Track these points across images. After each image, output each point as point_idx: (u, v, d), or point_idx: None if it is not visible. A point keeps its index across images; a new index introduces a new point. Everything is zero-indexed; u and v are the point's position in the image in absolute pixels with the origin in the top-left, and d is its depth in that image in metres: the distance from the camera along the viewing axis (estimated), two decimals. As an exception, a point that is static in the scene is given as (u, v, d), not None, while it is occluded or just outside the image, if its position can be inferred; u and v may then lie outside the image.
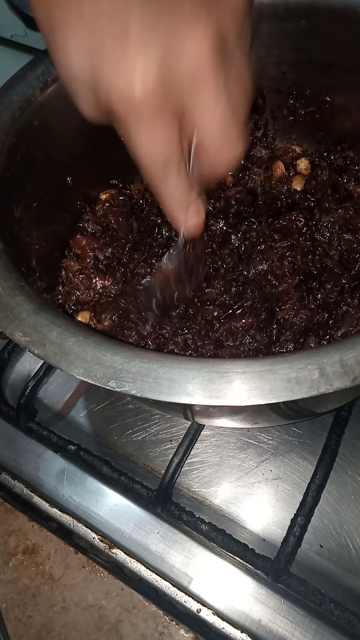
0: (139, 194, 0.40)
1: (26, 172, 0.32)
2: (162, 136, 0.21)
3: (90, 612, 0.35)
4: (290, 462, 0.39)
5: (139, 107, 0.20)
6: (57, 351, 0.22)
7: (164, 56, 0.19)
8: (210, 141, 0.22)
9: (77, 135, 0.35)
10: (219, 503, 0.38)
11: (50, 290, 0.35)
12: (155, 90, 0.19)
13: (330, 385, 0.20)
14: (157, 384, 0.20)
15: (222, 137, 0.22)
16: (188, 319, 0.33)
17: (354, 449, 0.38)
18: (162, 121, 0.20)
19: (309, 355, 0.20)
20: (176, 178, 0.23)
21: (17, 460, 0.40)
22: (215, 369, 0.20)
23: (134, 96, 0.19)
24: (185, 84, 0.20)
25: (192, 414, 0.34)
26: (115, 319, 0.34)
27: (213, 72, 0.20)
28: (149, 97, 0.19)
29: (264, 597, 0.33)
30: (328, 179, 0.38)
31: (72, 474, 0.38)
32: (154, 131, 0.21)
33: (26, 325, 0.23)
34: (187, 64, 0.19)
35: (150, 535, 0.36)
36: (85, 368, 0.21)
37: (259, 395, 0.20)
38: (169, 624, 0.34)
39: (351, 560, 0.35)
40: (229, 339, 0.31)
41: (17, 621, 0.36)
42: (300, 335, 0.31)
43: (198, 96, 0.20)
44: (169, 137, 0.21)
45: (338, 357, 0.20)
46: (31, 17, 0.22)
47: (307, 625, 0.32)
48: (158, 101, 0.20)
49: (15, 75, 0.33)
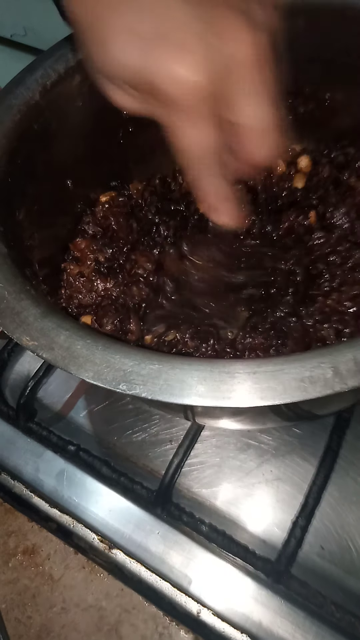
0: (138, 194, 0.40)
1: (27, 175, 0.32)
2: (209, 129, 0.21)
3: (90, 613, 0.35)
4: (291, 463, 0.38)
5: (189, 99, 0.20)
6: (65, 355, 0.22)
7: (214, 47, 0.19)
8: (251, 134, 0.22)
9: (77, 138, 0.35)
10: (219, 504, 0.38)
11: (53, 294, 0.35)
12: (206, 82, 0.20)
13: (345, 383, 0.19)
14: (168, 386, 0.20)
15: (263, 130, 0.22)
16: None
17: (356, 451, 0.38)
18: (209, 113, 0.21)
19: (321, 354, 0.20)
20: (217, 173, 0.23)
21: (17, 460, 0.40)
22: (226, 370, 0.20)
23: (185, 88, 0.20)
24: (233, 74, 0.20)
25: (192, 415, 0.34)
26: (117, 323, 0.34)
27: (261, 62, 0.20)
28: (200, 88, 0.20)
29: (264, 598, 0.33)
30: (329, 176, 0.37)
31: (72, 475, 0.38)
32: (201, 124, 0.21)
33: (33, 330, 0.23)
34: (235, 54, 0.20)
35: (150, 536, 0.36)
36: (95, 371, 0.21)
37: (272, 396, 0.19)
38: (169, 624, 0.34)
39: (352, 562, 0.35)
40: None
41: (17, 622, 0.36)
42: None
43: (244, 87, 0.20)
44: (214, 130, 0.21)
45: (351, 355, 0.20)
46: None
47: (308, 627, 0.32)
48: (208, 92, 0.20)
49: (15, 79, 0.33)
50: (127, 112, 0.23)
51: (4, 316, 0.24)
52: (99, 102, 0.36)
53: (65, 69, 0.33)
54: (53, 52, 0.34)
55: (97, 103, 0.36)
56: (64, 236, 0.38)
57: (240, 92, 0.21)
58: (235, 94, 0.21)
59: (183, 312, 0.33)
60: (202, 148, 0.22)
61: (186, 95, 0.20)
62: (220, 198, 0.25)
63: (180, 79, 0.20)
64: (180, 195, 0.40)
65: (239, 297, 0.33)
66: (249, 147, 0.22)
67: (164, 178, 0.41)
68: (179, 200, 0.40)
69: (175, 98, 0.20)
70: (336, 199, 0.36)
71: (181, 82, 0.20)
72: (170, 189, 0.41)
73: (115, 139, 0.39)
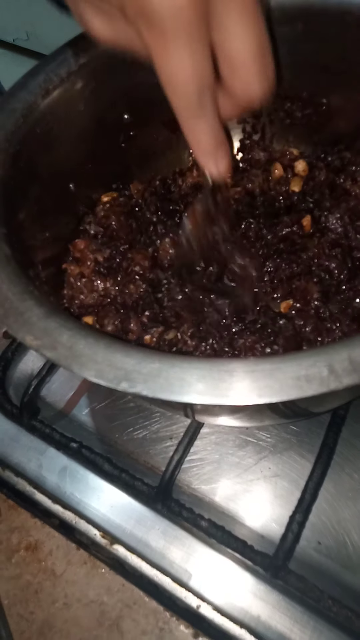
0: (139, 194, 0.41)
1: (30, 178, 0.32)
2: (199, 53, 0.19)
3: (91, 608, 0.35)
4: (289, 459, 0.39)
5: (178, 16, 0.18)
6: (68, 354, 0.22)
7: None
8: (244, 62, 0.20)
9: (79, 142, 0.36)
10: (218, 500, 0.38)
11: (55, 295, 0.35)
12: (194, 2, 0.18)
13: (340, 382, 0.20)
14: (168, 384, 0.21)
15: (257, 58, 0.20)
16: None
17: (351, 447, 0.38)
18: (199, 34, 0.19)
19: (317, 353, 0.20)
20: (212, 111, 0.21)
21: (20, 457, 0.40)
22: (224, 368, 0.21)
23: (172, 8, 0.18)
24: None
25: (192, 412, 0.34)
26: (118, 324, 0.34)
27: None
28: (188, 8, 0.18)
29: (262, 593, 0.33)
30: (325, 180, 0.38)
31: (74, 471, 0.39)
32: (190, 46, 0.19)
33: (37, 329, 0.23)
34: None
35: (151, 531, 0.36)
36: (97, 370, 0.22)
37: (269, 394, 0.20)
38: (169, 619, 0.34)
39: (349, 556, 0.35)
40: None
41: (19, 617, 0.36)
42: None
43: (234, 10, 0.19)
44: (204, 57, 0.20)
45: (346, 354, 0.20)
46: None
47: (306, 622, 0.32)
48: (196, 13, 0.18)
49: (17, 84, 0.33)
50: (103, 41, 0.21)
51: (8, 316, 0.24)
52: (101, 107, 0.37)
53: (67, 73, 0.34)
54: (55, 57, 0.34)
55: (99, 107, 0.37)
56: (67, 236, 0.38)
57: (229, 11, 0.19)
58: (222, 11, 0.19)
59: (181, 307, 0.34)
60: (194, 76, 0.20)
61: (176, 11, 0.18)
62: (215, 141, 0.23)
63: (165, 2, 0.18)
64: (179, 196, 0.41)
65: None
66: (242, 75, 0.21)
67: (165, 179, 0.42)
68: (178, 200, 0.40)
69: (164, 15, 0.18)
70: (331, 203, 0.36)
71: (166, 4, 0.18)
72: (170, 190, 0.41)
73: (117, 142, 0.39)
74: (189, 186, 0.41)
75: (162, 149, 0.41)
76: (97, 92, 0.36)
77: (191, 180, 0.41)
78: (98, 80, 0.35)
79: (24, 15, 0.54)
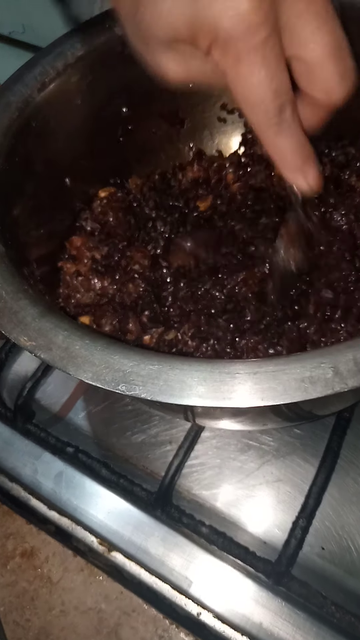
0: (137, 189, 0.40)
1: (25, 173, 0.32)
2: (277, 67, 0.19)
3: (89, 616, 0.35)
4: (292, 464, 0.38)
5: (253, 32, 0.18)
6: (64, 355, 0.22)
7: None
8: (322, 63, 0.20)
9: (76, 136, 0.35)
10: (219, 505, 0.38)
11: (51, 293, 0.35)
12: (268, 7, 0.18)
13: (345, 383, 0.19)
14: (167, 387, 0.20)
15: (335, 57, 0.20)
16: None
17: (356, 451, 0.38)
18: (273, 53, 0.19)
19: (321, 354, 0.20)
20: (292, 125, 0.21)
21: (15, 462, 0.39)
22: (226, 370, 0.20)
23: (247, 19, 0.18)
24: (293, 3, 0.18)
25: (193, 416, 0.34)
26: (116, 324, 0.33)
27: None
28: (263, 16, 0.18)
29: (264, 600, 0.33)
30: (330, 175, 0.37)
31: (71, 476, 0.38)
32: (269, 61, 0.19)
33: (31, 330, 0.23)
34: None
35: (150, 538, 0.35)
36: (94, 372, 0.21)
37: (272, 396, 0.20)
38: (169, 627, 0.34)
39: (353, 562, 0.35)
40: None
41: (16, 624, 0.35)
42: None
43: (307, 13, 0.19)
44: (281, 72, 0.20)
45: (351, 355, 0.20)
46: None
47: (309, 628, 0.31)
48: (269, 21, 0.18)
49: (13, 76, 0.33)
50: (175, 84, 0.22)
51: (2, 316, 0.24)
52: (98, 100, 0.36)
53: (64, 66, 0.34)
54: (51, 50, 0.34)
55: (96, 101, 0.36)
56: (63, 233, 0.37)
57: (298, 15, 0.19)
58: (293, 18, 0.19)
59: (182, 307, 0.33)
60: (274, 92, 0.20)
61: (249, 27, 0.18)
62: (302, 155, 0.22)
63: (239, 9, 0.18)
64: (179, 192, 0.40)
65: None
66: (323, 80, 0.20)
67: (164, 174, 0.41)
68: (178, 196, 0.40)
69: (238, 38, 0.18)
70: (336, 199, 0.36)
71: (241, 13, 0.18)
72: (170, 185, 0.41)
73: (115, 136, 0.39)
74: (189, 181, 0.41)
75: (162, 143, 0.41)
76: (95, 85, 0.35)
77: (191, 174, 0.41)
78: (95, 73, 0.35)
79: (20, 7, 0.54)
